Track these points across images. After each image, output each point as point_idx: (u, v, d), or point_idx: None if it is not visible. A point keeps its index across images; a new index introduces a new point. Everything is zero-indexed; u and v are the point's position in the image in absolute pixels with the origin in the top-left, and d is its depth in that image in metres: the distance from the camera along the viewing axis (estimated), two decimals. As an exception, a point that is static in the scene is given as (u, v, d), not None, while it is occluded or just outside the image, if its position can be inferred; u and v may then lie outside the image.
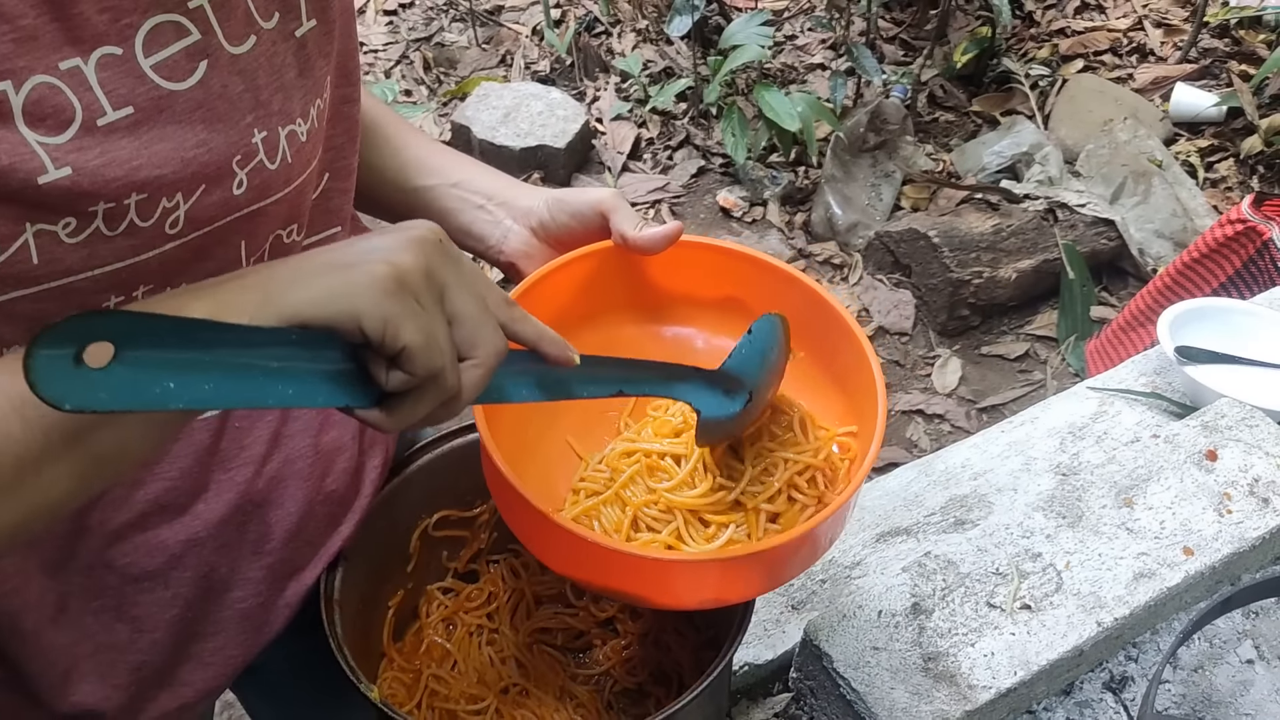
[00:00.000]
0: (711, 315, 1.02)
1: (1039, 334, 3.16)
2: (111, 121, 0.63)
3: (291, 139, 0.74)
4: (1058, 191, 3.28)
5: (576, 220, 0.96)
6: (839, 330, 0.93)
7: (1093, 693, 1.18)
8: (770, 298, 0.96)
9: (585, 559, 0.83)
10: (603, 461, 0.94)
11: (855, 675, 1.09)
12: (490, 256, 1.00)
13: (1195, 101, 3.62)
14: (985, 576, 1.17)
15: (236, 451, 0.83)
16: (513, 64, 4.02)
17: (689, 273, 0.99)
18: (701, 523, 0.88)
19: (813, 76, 3.90)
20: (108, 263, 0.67)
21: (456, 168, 1.01)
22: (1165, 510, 1.24)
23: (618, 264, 0.97)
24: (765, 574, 0.87)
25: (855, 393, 0.93)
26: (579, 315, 0.97)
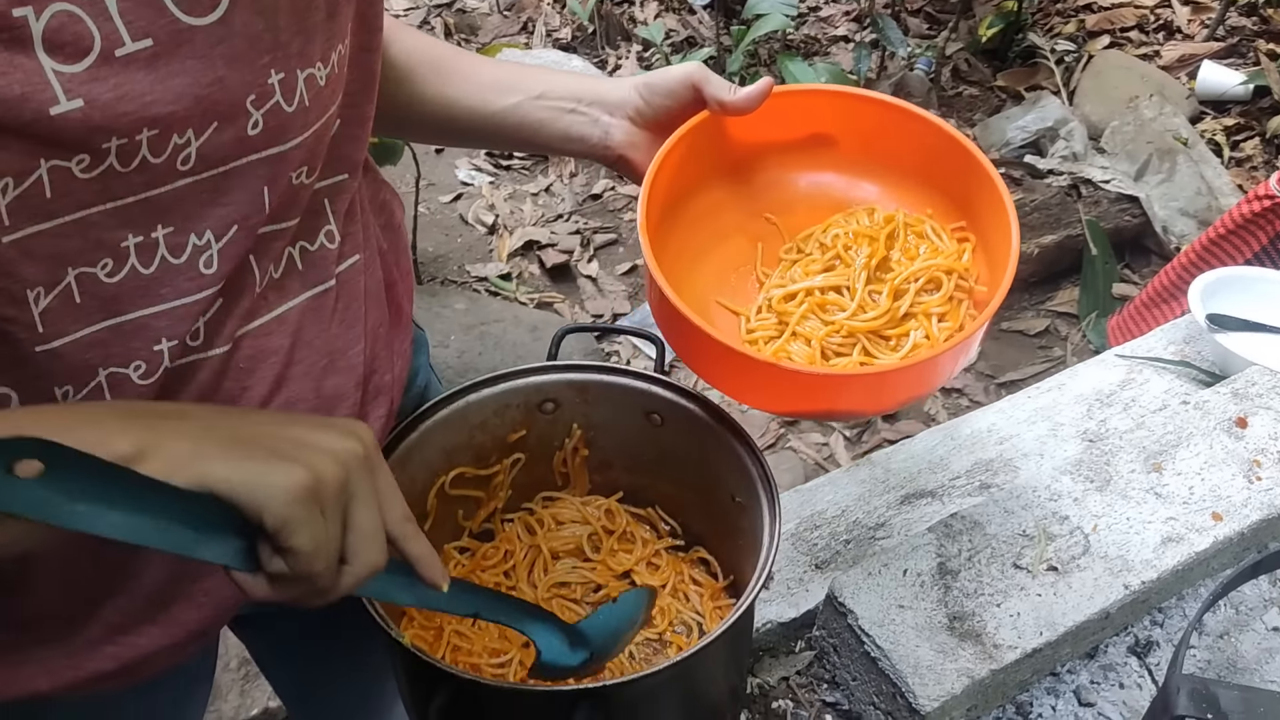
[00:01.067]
0: (802, 154, 1.07)
1: (1060, 310, 3.14)
2: (130, 53, 0.62)
3: (310, 83, 0.73)
4: (1082, 167, 3.25)
5: (671, 99, 0.98)
6: (927, 135, 1.00)
7: (1117, 656, 1.17)
8: (858, 124, 1.04)
9: (816, 390, 0.93)
10: (764, 310, 1.01)
11: (880, 632, 1.09)
12: (597, 155, 1.01)
13: (1221, 80, 3.59)
14: (1012, 538, 1.17)
15: (239, 392, 0.82)
16: (534, 31, 4.00)
17: (776, 121, 1.03)
18: (882, 338, 0.97)
19: (836, 48, 3.87)
20: (121, 197, 0.67)
21: (534, 80, 1.02)
22: (1194, 476, 1.23)
23: (711, 132, 1.01)
24: (951, 366, 0.95)
25: (963, 196, 1.01)
26: (687, 188, 1.03)
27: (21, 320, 0.67)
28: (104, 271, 0.69)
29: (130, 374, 0.74)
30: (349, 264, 0.89)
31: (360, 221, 0.90)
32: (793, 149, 1.07)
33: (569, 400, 1.10)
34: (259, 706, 1.99)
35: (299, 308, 0.84)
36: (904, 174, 1.05)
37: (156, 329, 0.73)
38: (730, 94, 0.96)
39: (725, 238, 1.06)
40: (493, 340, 2.84)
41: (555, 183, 3.50)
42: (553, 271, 3.22)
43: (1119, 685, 1.15)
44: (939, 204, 1.04)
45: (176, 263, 0.72)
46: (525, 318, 2.96)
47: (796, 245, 1.05)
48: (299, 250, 0.83)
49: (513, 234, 3.30)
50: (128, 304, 0.72)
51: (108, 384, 0.73)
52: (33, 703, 0.85)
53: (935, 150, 1.01)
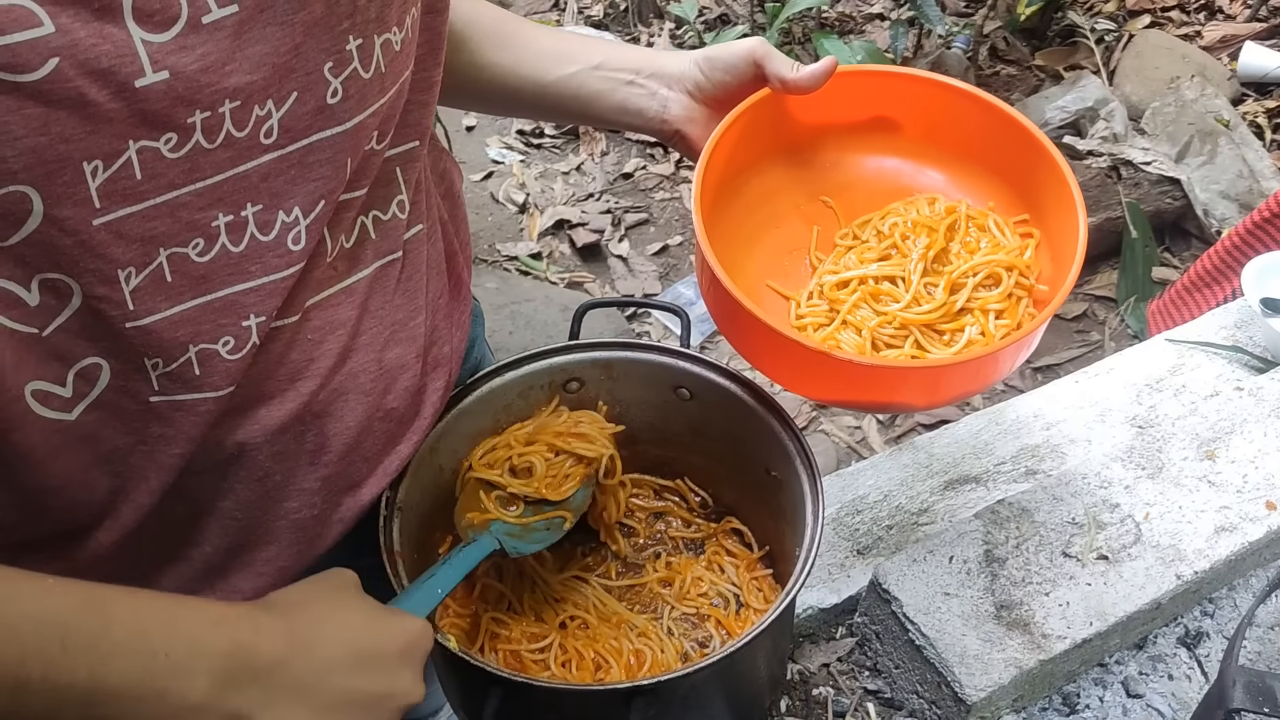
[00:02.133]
0: (866, 135, 1.05)
1: (1098, 294, 3.09)
2: (216, 19, 0.62)
3: (386, 48, 0.73)
4: (1122, 149, 3.20)
5: (731, 74, 0.97)
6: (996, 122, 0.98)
7: (1166, 647, 1.15)
8: (923, 108, 1.01)
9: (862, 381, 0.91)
10: (815, 295, 0.99)
11: (925, 620, 1.07)
12: (653, 129, 1.00)
13: (1264, 61, 3.52)
14: (1061, 526, 1.14)
15: (306, 364, 0.81)
16: (566, 8, 3.96)
17: (839, 102, 1.01)
18: (935, 332, 0.95)
19: (872, 26, 3.82)
20: (209, 175, 0.66)
21: (592, 50, 1.00)
22: (1248, 464, 1.20)
23: (772, 110, 0.99)
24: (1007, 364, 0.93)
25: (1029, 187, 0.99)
26: (744, 166, 1.01)
27: (113, 299, 0.67)
28: (195, 251, 0.69)
29: (219, 349, 0.74)
30: (413, 233, 0.88)
31: (424, 189, 0.89)
32: (854, 131, 1.04)
33: (594, 379, 1.08)
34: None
35: (367, 279, 0.84)
36: (968, 162, 1.03)
37: (245, 305, 0.73)
38: (793, 72, 0.94)
39: (781, 219, 1.04)
40: (524, 319, 2.83)
41: (586, 161, 3.48)
42: (583, 251, 3.20)
43: (1168, 677, 1.13)
44: (1004, 195, 1.01)
45: (265, 240, 0.72)
46: (556, 297, 2.94)
47: (853, 231, 1.03)
48: (372, 220, 0.83)
49: (543, 213, 3.28)
50: (218, 282, 0.71)
51: (197, 359, 0.73)
52: None
53: (1002, 138, 0.98)
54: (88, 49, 0.57)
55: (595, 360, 1.08)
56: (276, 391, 0.81)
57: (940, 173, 1.05)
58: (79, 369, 0.70)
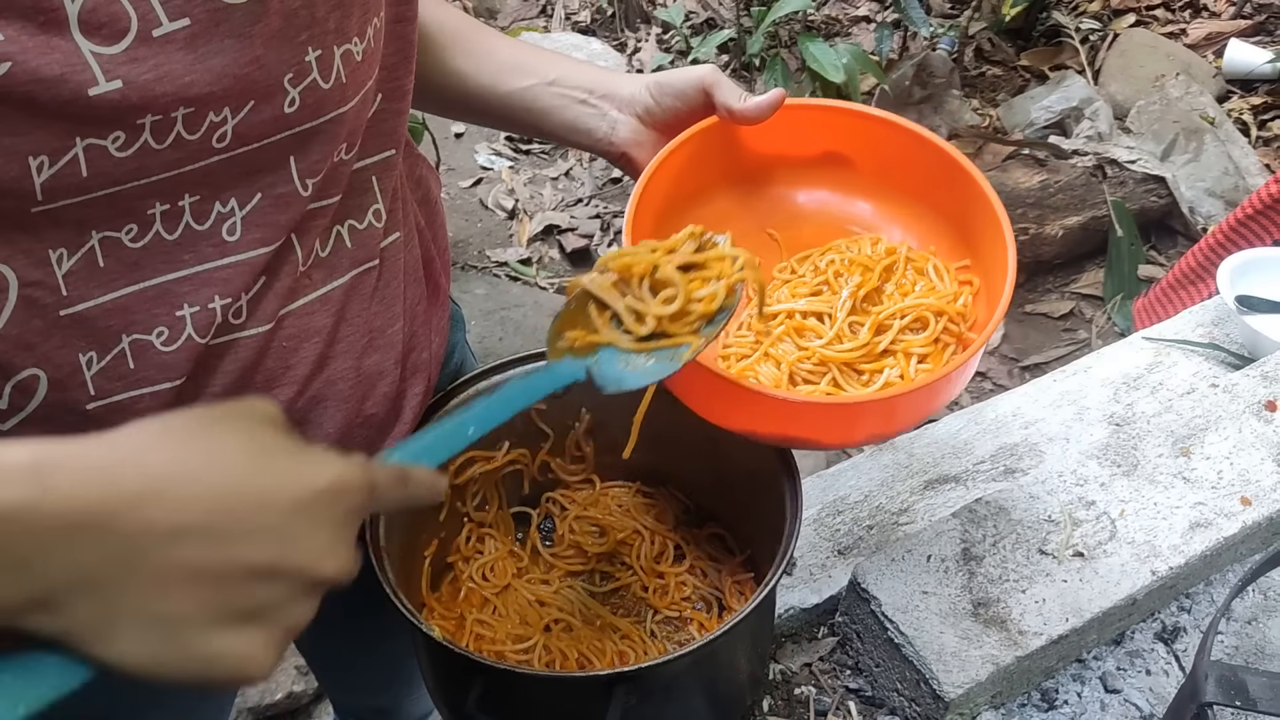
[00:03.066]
0: (816, 170, 1.04)
1: (1085, 292, 3.11)
2: (167, 33, 0.62)
3: (347, 58, 0.73)
4: (1107, 148, 3.21)
5: (681, 100, 0.97)
6: (943, 166, 0.97)
7: (1144, 642, 1.16)
8: (875, 147, 1.00)
9: (768, 413, 0.89)
10: (745, 326, 0.98)
11: (904, 619, 1.08)
12: (601, 149, 1.01)
13: (1249, 58, 3.54)
14: (1037, 524, 1.15)
15: (282, 371, 0.82)
16: (553, 14, 3.98)
17: (789, 135, 1.01)
18: (855, 371, 0.94)
19: (858, 29, 3.84)
20: (155, 173, 0.67)
21: (550, 65, 1.01)
22: (1223, 460, 1.21)
23: (721, 138, 0.99)
24: (924, 406, 0.91)
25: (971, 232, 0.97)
26: (690, 193, 1.01)
27: (46, 284, 0.68)
28: (128, 236, 0.70)
29: (153, 340, 0.74)
30: (390, 241, 0.89)
31: (400, 197, 0.90)
32: (805, 165, 1.04)
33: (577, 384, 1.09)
34: (283, 691, 2.01)
35: (344, 286, 0.84)
36: (917, 203, 1.02)
37: (179, 294, 0.73)
38: (740, 101, 0.94)
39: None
40: (513, 325, 2.84)
41: (575, 167, 3.49)
42: (573, 256, 3.21)
43: (1146, 672, 1.14)
44: (949, 239, 1.01)
45: (200, 229, 0.72)
46: (546, 302, 2.96)
47: (791, 265, 1.02)
48: (347, 229, 0.83)
49: (533, 218, 3.30)
50: (150, 270, 0.72)
51: (131, 351, 0.73)
52: None
53: (947, 180, 0.97)
54: (36, 57, 0.57)
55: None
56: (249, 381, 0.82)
57: (886, 212, 1.04)
58: (17, 381, 0.70)
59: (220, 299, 0.75)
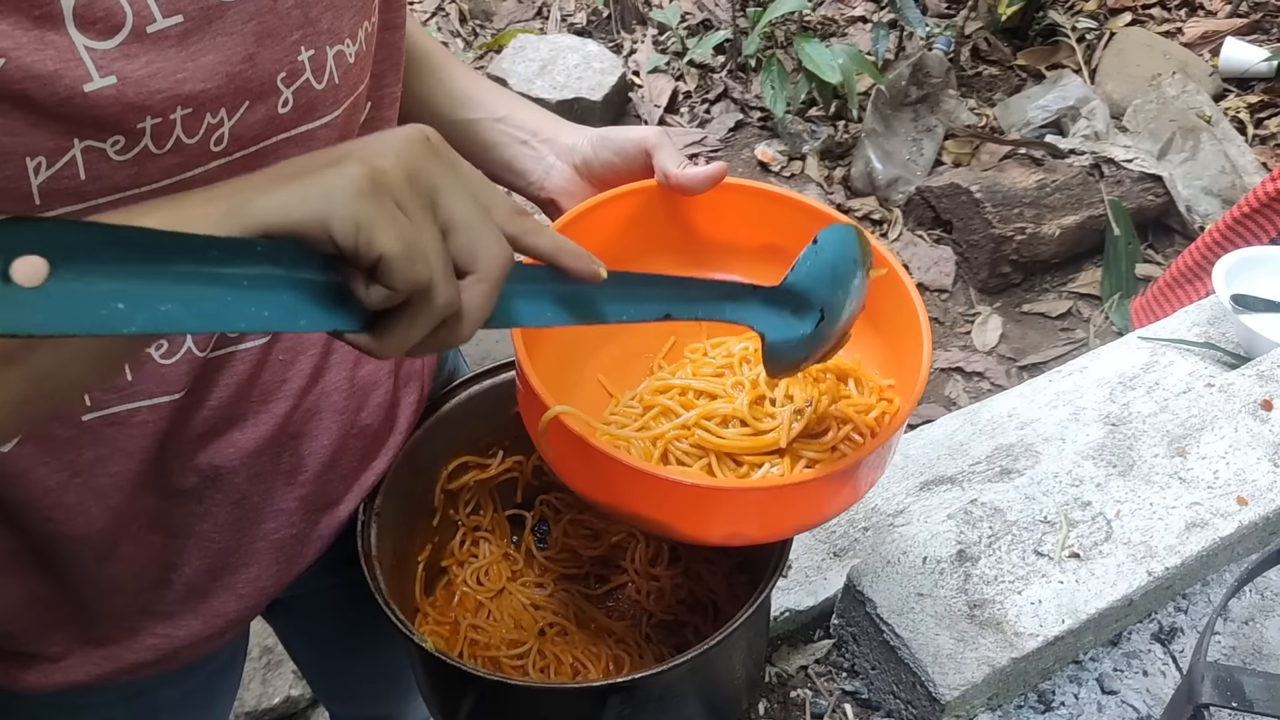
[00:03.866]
0: (754, 263, 0.98)
1: (1082, 292, 3.10)
2: (161, 29, 0.62)
3: (339, 59, 0.73)
4: (1104, 147, 3.21)
5: (620, 157, 0.94)
6: (887, 281, 0.89)
7: (1141, 643, 1.16)
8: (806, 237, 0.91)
9: (615, 482, 0.80)
10: (635, 398, 0.93)
11: (899, 621, 1.08)
12: (531, 193, 0.99)
13: (1245, 57, 3.54)
14: (1033, 524, 1.15)
15: (277, 385, 0.82)
16: (549, 16, 3.98)
17: (732, 217, 0.97)
18: (734, 462, 0.86)
19: (854, 29, 3.84)
20: (155, 180, 0.66)
21: (502, 102, 1.00)
22: (1219, 460, 1.21)
23: (661, 204, 0.95)
24: (799, 512, 0.83)
25: (900, 343, 0.90)
26: (618, 256, 0.94)
27: None
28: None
29: (152, 353, 0.74)
30: None
31: None
32: (743, 250, 0.98)
33: None
34: (280, 695, 2.00)
35: None
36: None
37: None
38: (678, 168, 0.90)
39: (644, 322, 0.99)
40: (510, 327, 2.84)
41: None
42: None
43: (1143, 673, 1.14)
44: (881, 352, 0.94)
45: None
46: (543, 304, 2.95)
47: (705, 347, 0.96)
48: None
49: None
50: None
51: (129, 364, 0.73)
52: (69, 692, 0.85)
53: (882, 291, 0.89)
54: (29, 53, 0.57)
55: (569, 368, 1.09)
56: (250, 413, 0.82)
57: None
58: None
59: None
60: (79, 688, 0.86)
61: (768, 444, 0.85)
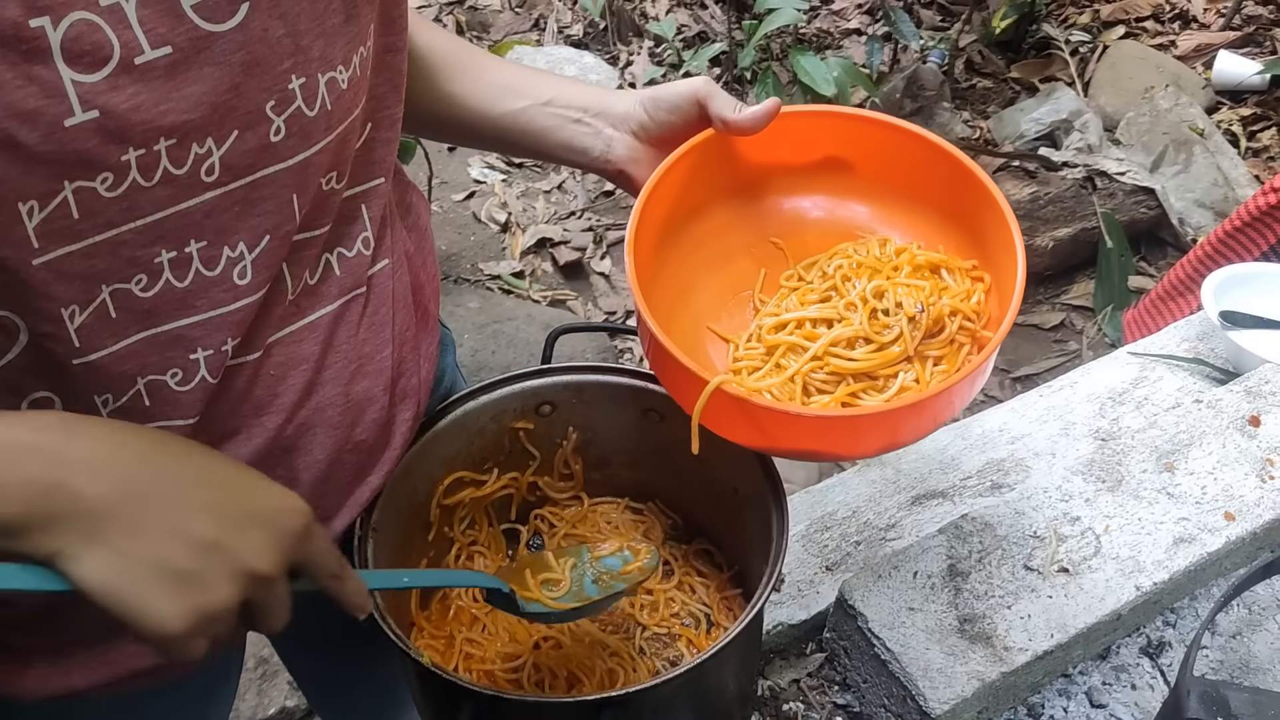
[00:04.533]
0: (814, 177, 1.03)
1: (1075, 304, 3.12)
2: (149, 61, 0.62)
3: (332, 86, 0.73)
4: (1097, 159, 3.23)
5: (676, 114, 0.96)
6: (945, 166, 0.96)
7: (1129, 657, 1.17)
8: (874, 150, 0.99)
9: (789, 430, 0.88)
10: (752, 338, 0.97)
11: (890, 635, 1.09)
12: (598, 167, 1.00)
13: (1238, 69, 3.56)
14: (1023, 539, 1.16)
15: (270, 399, 0.83)
16: (546, 28, 3.99)
17: (787, 143, 1.00)
18: (870, 377, 0.91)
19: (848, 42, 3.86)
20: (149, 213, 0.67)
21: (543, 85, 1.01)
22: (1207, 475, 1.22)
23: (717, 150, 0.98)
24: (940, 413, 0.89)
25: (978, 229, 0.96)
26: (691, 207, 1.00)
27: (58, 336, 0.68)
28: (138, 287, 0.70)
29: (168, 380, 0.75)
30: (378, 268, 0.89)
31: (388, 224, 0.91)
32: (805, 172, 1.03)
33: (565, 402, 1.10)
34: (276, 706, 2.01)
35: (331, 314, 0.85)
36: (920, 204, 1.01)
37: (192, 339, 0.74)
38: (735, 112, 0.93)
39: (729, 260, 1.03)
40: (506, 339, 2.85)
41: (568, 180, 3.50)
42: (566, 269, 3.22)
43: (1131, 686, 1.15)
44: (955, 239, 0.99)
45: (211, 275, 0.73)
46: (538, 315, 2.96)
47: (798, 273, 1.01)
48: (336, 257, 0.84)
49: (525, 231, 3.31)
50: (163, 317, 0.73)
51: (146, 391, 0.74)
52: (65, 699, 0.86)
53: (949, 180, 0.96)
54: (13, 90, 0.58)
55: (567, 384, 1.10)
56: (242, 427, 0.82)
57: (890, 215, 1.02)
58: (31, 399, 0.71)
59: (233, 340, 0.76)
60: (75, 695, 0.86)
61: (896, 356, 0.90)
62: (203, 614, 0.63)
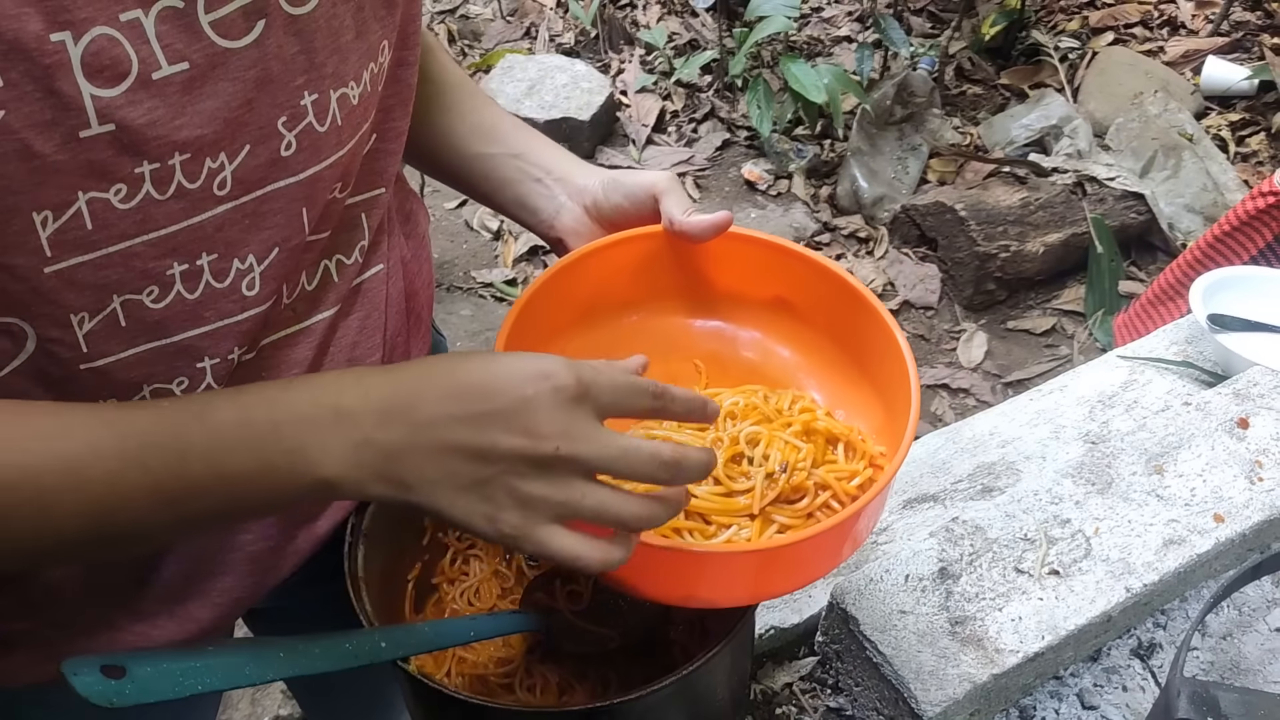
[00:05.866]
0: (763, 314, 0.99)
1: (1066, 309, 3.13)
2: (166, 76, 0.63)
3: (343, 102, 0.74)
4: (1087, 165, 3.25)
5: (629, 201, 0.95)
6: (884, 341, 0.89)
7: (1120, 659, 1.17)
8: (819, 303, 0.94)
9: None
10: None
11: (882, 638, 1.09)
12: (541, 230, 1.00)
13: (1226, 75, 3.58)
14: (1013, 542, 1.17)
15: None
16: (537, 36, 4.01)
17: (740, 266, 0.97)
18: (704, 521, 0.84)
19: (839, 49, 3.87)
20: (162, 226, 0.68)
21: (520, 139, 1.01)
22: (1196, 478, 1.23)
23: (669, 251, 0.95)
24: (755, 580, 0.82)
25: (894, 411, 0.89)
26: (626, 300, 0.97)
27: (65, 341, 0.69)
28: (150, 298, 0.71)
29: (173, 388, 0.76)
30: (373, 273, 0.90)
31: (386, 231, 0.92)
32: (751, 300, 0.99)
33: None
34: (269, 715, 2.01)
35: (327, 320, 0.86)
36: (856, 370, 0.95)
37: (200, 349, 0.75)
38: (683, 215, 0.91)
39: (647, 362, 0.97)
40: (499, 346, 2.85)
41: (560, 187, 3.51)
42: (558, 276, 3.23)
43: (1122, 688, 1.15)
44: (877, 416, 0.93)
45: (220, 287, 0.74)
46: (531, 323, 2.97)
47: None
48: (335, 263, 0.85)
49: (518, 239, 3.31)
50: (174, 328, 0.73)
51: (151, 397, 0.75)
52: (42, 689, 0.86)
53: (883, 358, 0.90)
54: (33, 102, 0.58)
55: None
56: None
57: (823, 370, 0.97)
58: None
59: (239, 349, 0.77)
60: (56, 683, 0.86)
61: (740, 508, 0.83)
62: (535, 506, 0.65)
